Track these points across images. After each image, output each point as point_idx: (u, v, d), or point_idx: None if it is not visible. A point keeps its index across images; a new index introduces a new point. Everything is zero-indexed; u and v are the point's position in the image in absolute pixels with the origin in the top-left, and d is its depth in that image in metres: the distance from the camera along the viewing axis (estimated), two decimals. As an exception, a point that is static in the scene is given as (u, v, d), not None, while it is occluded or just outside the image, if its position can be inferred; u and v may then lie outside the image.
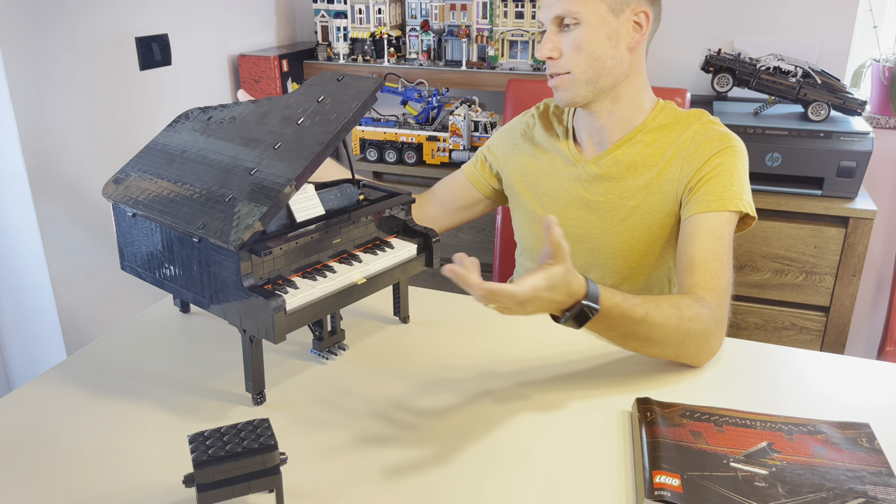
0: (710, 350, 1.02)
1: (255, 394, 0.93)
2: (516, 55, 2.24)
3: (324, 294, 0.93)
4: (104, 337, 1.11)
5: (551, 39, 1.16)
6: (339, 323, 1.06)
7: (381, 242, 1.05)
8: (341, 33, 2.39)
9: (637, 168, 1.21)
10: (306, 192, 0.98)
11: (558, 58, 1.16)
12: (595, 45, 1.14)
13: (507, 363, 1.03)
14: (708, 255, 1.08)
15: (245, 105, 1.05)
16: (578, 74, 1.16)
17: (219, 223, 0.87)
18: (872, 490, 0.76)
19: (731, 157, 1.17)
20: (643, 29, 1.16)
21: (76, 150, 1.73)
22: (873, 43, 2.12)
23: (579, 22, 1.13)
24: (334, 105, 0.96)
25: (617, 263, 1.25)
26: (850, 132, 1.79)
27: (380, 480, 0.80)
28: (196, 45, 2.10)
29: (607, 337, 0.99)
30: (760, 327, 1.94)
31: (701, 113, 1.24)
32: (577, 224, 1.26)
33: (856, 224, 1.78)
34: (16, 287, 1.54)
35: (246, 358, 0.92)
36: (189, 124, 1.07)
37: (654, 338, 0.98)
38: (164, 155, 1.04)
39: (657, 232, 1.22)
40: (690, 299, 1.01)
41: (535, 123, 1.35)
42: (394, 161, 2.22)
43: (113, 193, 1.02)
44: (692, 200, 1.15)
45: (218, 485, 0.70)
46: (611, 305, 0.93)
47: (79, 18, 1.70)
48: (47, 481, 0.80)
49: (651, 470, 0.78)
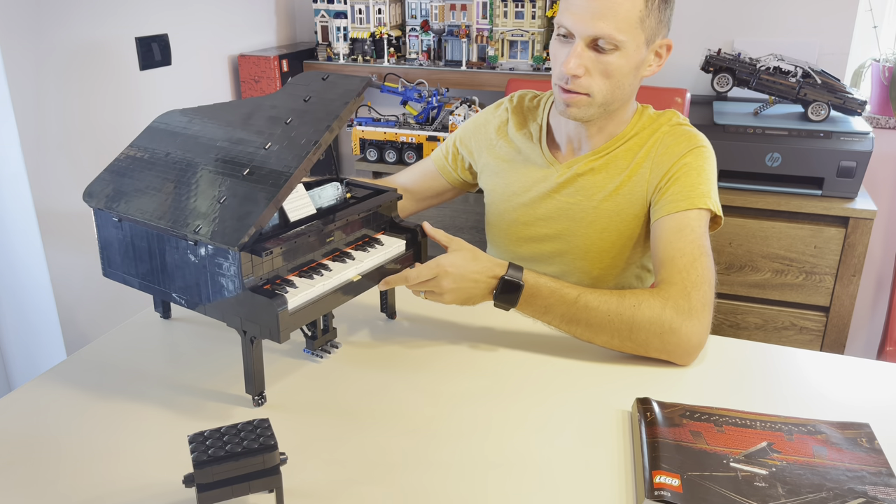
0: (680, 343, 1.00)
1: (255, 395, 0.93)
2: (516, 55, 2.24)
3: (323, 292, 0.93)
4: (104, 337, 1.11)
5: (581, 56, 1.09)
6: (332, 321, 1.06)
7: (371, 240, 1.06)
8: (341, 33, 2.39)
9: (608, 171, 1.22)
10: (298, 191, 0.97)
11: (582, 76, 1.11)
12: (623, 74, 1.12)
13: (506, 363, 1.03)
14: (675, 252, 1.08)
15: (226, 106, 1.03)
16: (597, 98, 1.13)
17: (216, 225, 0.87)
18: (872, 490, 0.76)
19: (698, 158, 1.17)
20: (661, 60, 1.17)
21: (76, 150, 1.72)
22: (873, 43, 2.12)
23: (617, 49, 1.09)
24: (322, 104, 0.96)
25: (586, 264, 1.26)
26: (850, 132, 1.79)
27: (380, 480, 0.80)
28: (196, 45, 2.10)
29: (551, 322, 1.05)
30: (760, 327, 1.94)
31: (672, 114, 1.24)
32: (546, 224, 1.27)
33: (856, 224, 1.78)
34: (16, 287, 1.54)
35: (247, 360, 0.91)
36: (169, 127, 1.05)
37: (595, 322, 1.02)
38: (146, 159, 1.01)
39: (627, 234, 1.22)
40: (641, 290, 1.04)
41: (508, 118, 1.33)
42: (394, 161, 2.22)
43: (95, 199, 0.99)
44: (661, 201, 1.16)
45: (218, 485, 0.70)
46: (536, 283, 1.03)
47: (79, 18, 1.70)
48: (47, 481, 0.80)
49: (651, 470, 0.78)
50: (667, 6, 1.12)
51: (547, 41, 2.22)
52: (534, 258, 1.30)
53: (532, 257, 1.30)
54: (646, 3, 1.08)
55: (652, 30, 1.11)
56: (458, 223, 2.15)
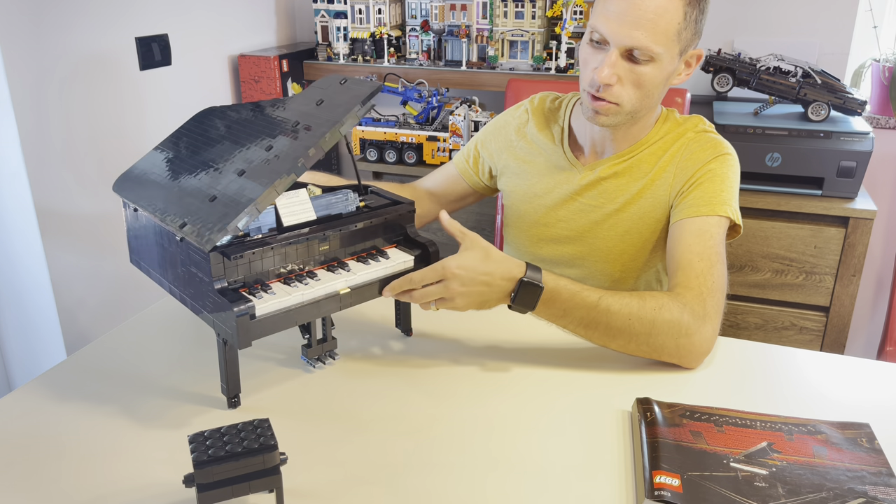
0: (693, 347, 1.00)
1: (229, 397, 0.92)
2: (516, 55, 2.24)
3: (299, 302, 0.90)
4: (104, 337, 1.11)
5: (615, 66, 1.07)
6: (331, 331, 1.02)
7: (377, 252, 1.01)
8: (341, 33, 2.39)
9: (632, 174, 1.21)
10: (298, 196, 0.95)
11: (615, 84, 1.10)
12: (655, 85, 1.11)
13: (506, 362, 1.03)
14: (694, 256, 1.07)
15: (253, 105, 1.03)
16: (626, 107, 1.12)
17: (199, 223, 0.86)
18: (872, 490, 0.76)
19: (722, 165, 1.16)
20: (690, 69, 1.16)
21: (76, 150, 1.72)
22: (873, 43, 2.12)
23: (653, 60, 1.08)
24: (330, 109, 0.94)
25: (607, 266, 1.25)
26: (850, 132, 1.79)
27: (380, 480, 0.80)
28: (196, 45, 2.10)
29: (567, 326, 1.01)
30: (760, 327, 1.94)
31: (698, 119, 1.24)
32: (567, 226, 1.27)
33: (856, 224, 1.78)
34: (16, 287, 1.54)
35: (220, 360, 0.90)
36: (201, 123, 1.06)
37: (615, 326, 0.98)
38: (171, 152, 1.03)
39: (648, 237, 1.22)
40: (660, 293, 1.02)
41: (528, 119, 1.33)
42: (394, 161, 2.22)
43: (121, 187, 1.02)
44: (682, 205, 1.16)
45: (218, 485, 0.70)
46: (556, 286, 0.98)
47: (79, 18, 1.70)
48: (47, 481, 0.80)
49: (651, 470, 0.78)
50: (703, 16, 1.11)
51: (547, 41, 2.22)
52: (553, 260, 1.30)
53: (552, 259, 1.30)
54: (685, 15, 1.06)
55: (687, 41, 1.10)
56: (468, 224, 2.16)
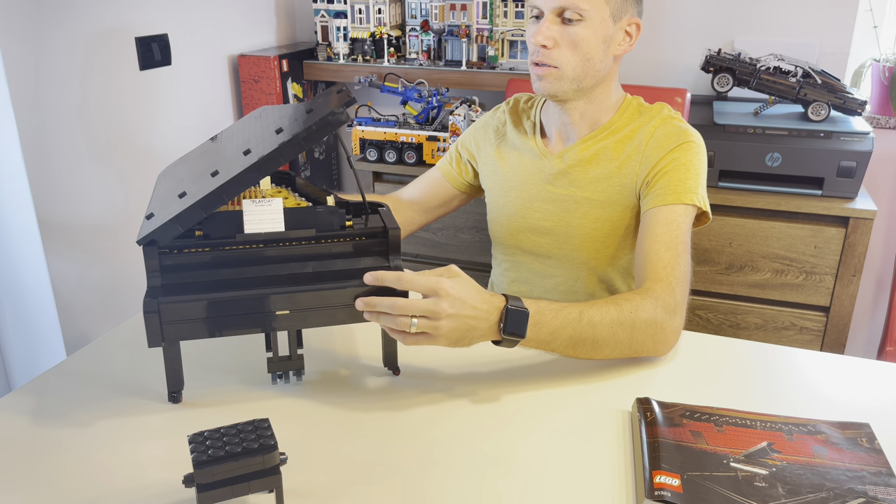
0: (666, 339, 1.02)
1: (170, 391, 0.92)
2: (516, 55, 2.24)
3: (222, 312, 0.86)
4: (104, 337, 1.11)
5: (549, 28, 1.15)
6: (295, 349, 0.95)
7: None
8: (341, 33, 2.38)
9: (598, 161, 1.25)
10: (271, 204, 0.89)
11: (552, 48, 1.16)
12: (591, 46, 1.16)
13: (505, 362, 1.03)
14: (661, 245, 1.10)
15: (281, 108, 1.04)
16: (567, 71, 1.17)
17: (162, 217, 0.87)
18: (872, 490, 0.76)
19: (687, 153, 1.18)
20: (632, 39, 1.20)
21: (76, 150, 1.72)
22: (873, 43, 2.12)
23: (582, 19, 1.14)
24: (310, 116, 0.91)
25: (581, 254, 1.29)
26: (850, 132, 1.79)
27: (380, 480, 0.80)
28: (196, 45, 2.10)
29: (557, 348, 0.98)
30: (760, 327, 1.94)
31: (662, 106, 1.26)
32: (542, 217, 1.30)
33: (856, 224, 1.78)
34: (16, 287, 1.54)
35: (164, 354, 0.91)
36: (244, 121, 1.08)
37: (601, 337, 0.98)
38: (205, 146, 1.06)
39: (618, 223, 1.25)
40: (631, 293, 1.03)
41: (506, 119, 1.38)
42: (394, 161, 2.22)
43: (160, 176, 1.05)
44: (649, 195, 1.18)
45: (218, 485, 0.70)
46: (539, 308, 0.94)
47: (79, 18, 1.70)
48: (47, 481, 0.80)
49: (651, 470, 0.78)
50: None
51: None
52: (534, 251, 1.33)
53: (532, 250, 1.33)
54: None
55: (617, 5, 1.15)
56: (459, 223, 2.15)
